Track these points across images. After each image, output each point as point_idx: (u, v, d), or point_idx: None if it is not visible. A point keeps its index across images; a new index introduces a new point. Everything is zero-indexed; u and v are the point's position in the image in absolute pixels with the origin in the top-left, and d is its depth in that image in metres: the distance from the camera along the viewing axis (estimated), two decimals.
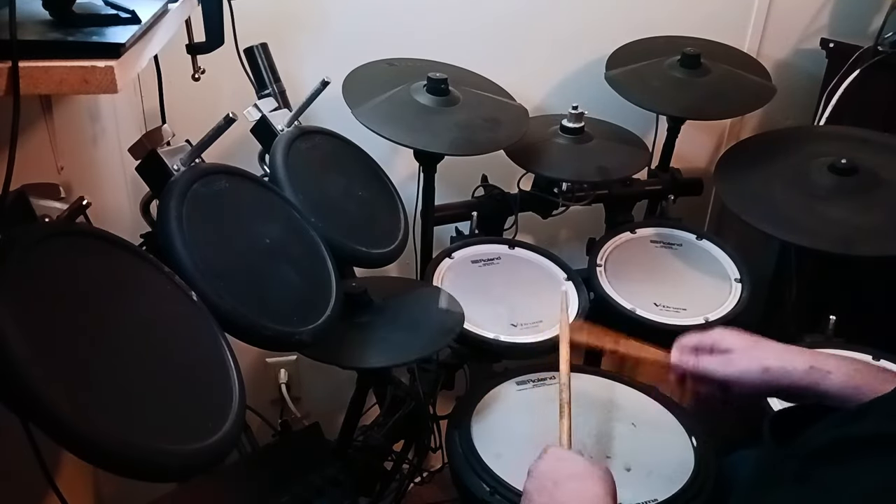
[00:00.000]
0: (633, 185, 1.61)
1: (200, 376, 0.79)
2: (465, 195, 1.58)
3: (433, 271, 1.37)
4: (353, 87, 1.35)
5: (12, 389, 0.59)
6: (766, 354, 0.89)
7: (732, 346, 0.92)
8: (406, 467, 1.32)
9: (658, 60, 1.53)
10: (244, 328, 0.87)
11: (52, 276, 0.70)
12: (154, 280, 0.82)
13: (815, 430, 0.66)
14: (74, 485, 1.15)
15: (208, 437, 0.72)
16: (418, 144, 1.28)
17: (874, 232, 1.24)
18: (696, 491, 1.01)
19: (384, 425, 1.23)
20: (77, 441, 0.61)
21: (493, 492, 1.00)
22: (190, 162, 0.95)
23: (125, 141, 1.15)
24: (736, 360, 0.90)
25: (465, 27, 1.58)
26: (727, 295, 1.37)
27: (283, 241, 1.02)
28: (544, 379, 1.22)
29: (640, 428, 1.13)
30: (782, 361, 0.87)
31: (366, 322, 1.11)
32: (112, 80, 0.70)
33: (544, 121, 1.51)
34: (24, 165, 0.72)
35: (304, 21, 1.51)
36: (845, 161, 1.30)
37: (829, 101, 1.57)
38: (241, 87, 1.35)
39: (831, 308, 1.31)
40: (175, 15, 0.95)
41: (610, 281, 1.39)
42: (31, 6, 0.77)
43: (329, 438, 1.17)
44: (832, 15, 1.72)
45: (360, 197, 1.28)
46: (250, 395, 0.83)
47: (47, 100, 1.01)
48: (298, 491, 1.01)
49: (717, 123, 1.82)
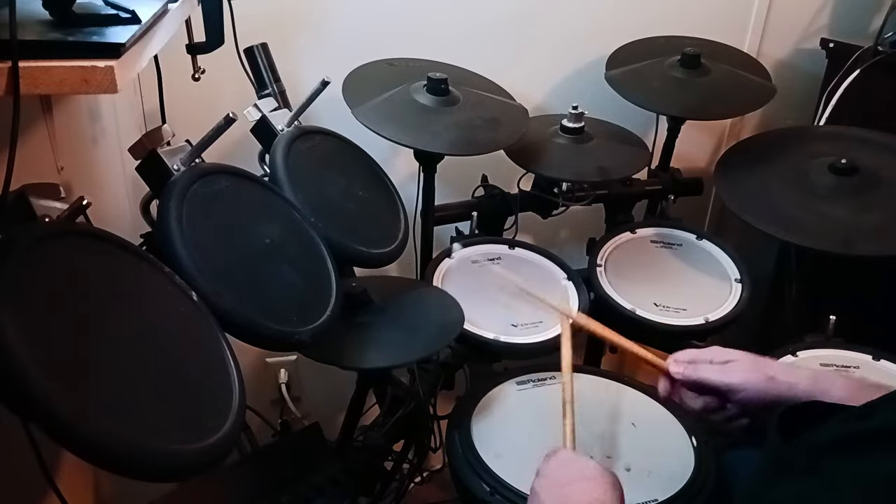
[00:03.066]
0: (633, 185, 1.61)
1: (200, 376, 0.79)
2: (465, 195, 1.58)
3: (433, 271, 1.37)
4: (353, 87, 1.35)
5: (12, 389, 0.59)
6: (771, 366, 0.89)
7: (733, 357, 0.91)
8: (406, 467, 1.32)
9: (658, 60, 1.53)
10: (244, 328, 0.87)
11: (52, 276, 0.70)
12: (154, 280, 0.82)
13: (825, 426, 0.65)
14: (74, 485, 1.15)
15: (208, 437, 0.72)
16: (418, 144, 1.28)
17: (874, 232, 1.24)
18: (696, 491, 1.01)
19: (384, 425, 1.23)
20: (77, 441, 0.61)
21: (493, 492, 1.00)
22: (190, 162, 0.95)
23: (125, 141, 1.15)
24: (737, 368, 0.90)
25: (465, 27, 1.58)
26: (727, 295, 1.37)
27: (283, 241, 1.02)
28: (544, 379, 1.22)
29: (640, 428, 1.13)
30: (787, 374, 0.87)
31: (366, 322, 1.11)
32: (112, 80, 0.70)
33: (544, 121, 1.51)
34: (24, 165, 0.72)
35: (304, 21, 1.51)
36: (845, 161, 1.30)
37: (829, 101, 1.56)
38: (241, 87, 1.35)
39: (831, 308, 1.31)
40: (175, 15, 0.95)
41: (610, 281, 1.39)
42: (31, 6, 0.77)
43: (329, 438, 1.17)
44: (832, 15, 1.72)
45: (360, 197, 1.28)
46: (250, 395, 0.83)
47: (47, 100, 1.01)
48: (298, 491, 1.01)
49: (717, 123, 1.82)
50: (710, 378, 0.91)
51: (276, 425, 1.57)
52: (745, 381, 0.88)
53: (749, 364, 0.90)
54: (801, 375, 0.87)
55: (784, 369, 0.89)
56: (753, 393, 0.88)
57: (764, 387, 0.87)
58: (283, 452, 1.09)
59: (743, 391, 0.88)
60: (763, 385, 0.87)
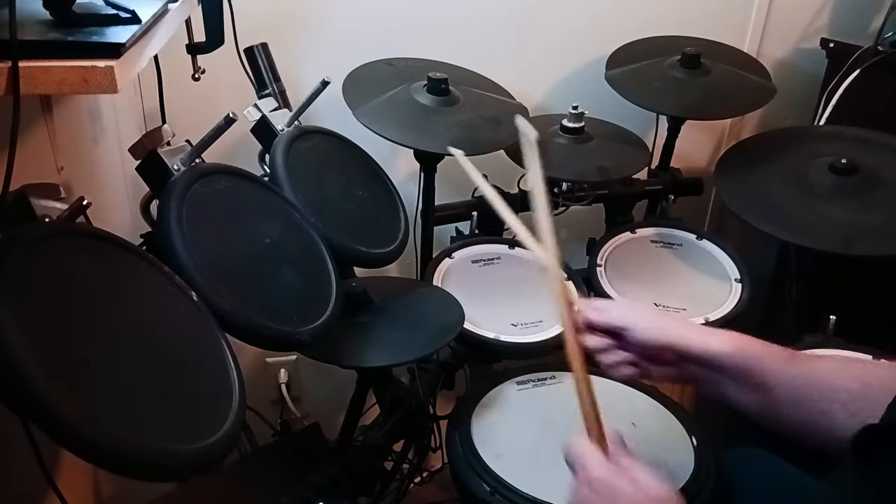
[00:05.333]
0: (633, 185, 1.61)
1: (200, 376, 0.79)
2: (465, 195, 1.58)
3: (433, 271, 1.37)
4: (353, 87, 1.35)
5: (12, 389, 0.59)
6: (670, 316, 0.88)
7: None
8: (406, 467, 1.32)
9: (658, 60, 1.53)
10: (244, 328, 0.87)
11: (52, 275, 0.70)
12: (154, 280, 0.82)
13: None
14: (74, 485, 1.15)
15: (208, 437, 0.72)
16: (419, 145, 1.28)
17: (874, 232, 1.24)
18: (696, 491, 1.01)
19: (384, 425, 1.23)
20: (77, 441, 0.61)
21: (493, 492, 1.00)
22: (190, 162, 0.95)
23: (125, 141, 1.16)
24: (633, 306, 0.90)
25: (465, 27, 1.58)
26: (727, 295, 1.37)
27: (283, 241, 1.02)
28: (544, 379, 1.22)
29: (640, 428, 1.13)
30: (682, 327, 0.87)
31: (366, 322, 1.11)
32: (112, 80, 0.70)
33: (544, 121, 1.51)
34: (24, 165, 0.72)
35: (305, 21, 1.51)
36: (845, 161, 1.30)
37: (829, 101, 1.56)
38: (241, 87, 1.35)
39: (831, 308, 1.31)
40: (175, 15, 0.95)
41: (610, 281, 1.39)
42: (31, 6, 0.77)
43: (329, 438, 1.17)
44: (832, 15, 1.72)
45: (360, 197, 1.28)
46: (250, 395, 0.83)
47: (47, 100, 1.01)
48: (298, 491, 1.01)
49: (717, 123, 1.82)
50: (610, 314, 0.89)
51: (276, 425, 1.57)
52: (640, 319, 0.87)
53: (648, 308, 0.89)
54: (688, 326, 0.87)
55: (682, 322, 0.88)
56: (646, 333, 0.86)
57: (658, 326, 0.86)
58: (283, 452, 1.10)
59: (635, 329, 0.87)
60: (657, 325, 0.87)
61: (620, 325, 0.88)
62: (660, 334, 0.86)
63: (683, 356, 0.85)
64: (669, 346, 0.86)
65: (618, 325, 0.88)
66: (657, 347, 0.87)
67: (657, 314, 0.89)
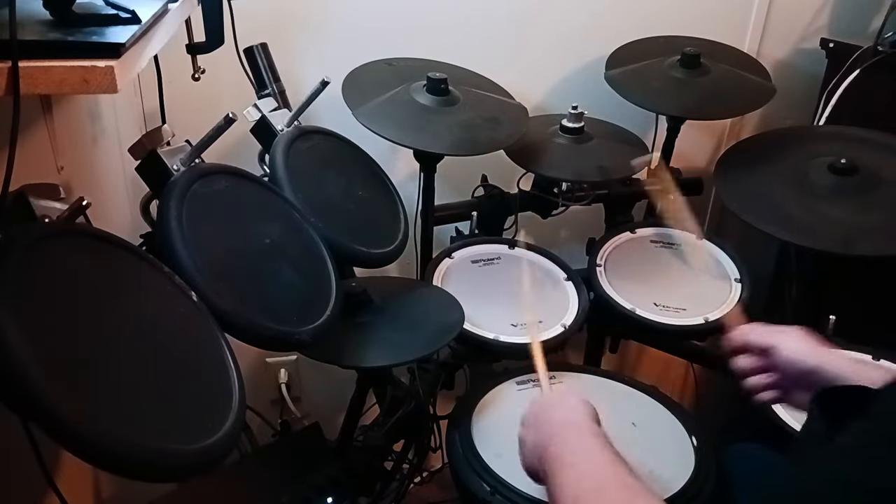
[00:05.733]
0: (633, 185, 1.61)
1: (200, 376, 0.79)
2: (465, 195, 1.58)
3: (433, 271, 1.37)
4: (353, 87, 1.35)
5: (12, 389, 0.59)
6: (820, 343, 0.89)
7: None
8: (406, 467, 1.32)
9: (658, 60, 1.53)
10: (244, 328, 0.87)
11: (52, 275, 0.70)
12: (154, 280, 0.82)
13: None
14: (74, 485, 1.15)
15: (208, 437, 0.72)
16: (418, 145, 1.28)
17: (874, 232, 1.24)
18: (696, 491, 1.01)
19: (384, 425, 1.23)
20: (77, 441, 0.61)
21: (493, 492, 1.00)
22: (190, 162, 0.95)
23: (125, 141, 1.16)
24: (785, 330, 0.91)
25: (465, 27, 1.58)
26: (727, 295, 1.36)
27: (283, 241, 1.02)
28: None
29: (640, 428, 1.13)
30: (832, 353, 0.87)
31: (366, 322, 1.11)
32: (112, 80, 0.70)
33: (544, 121, 1.51)
34: (24, 165, 0.72)
35: (304, 21, 1.51)
36: (845, 161, 1.30)
37: (829, 101, 1.56)
38: (241, 87, 1.35)
39: (831, 308, 1.31)
40: (175, 15, 0.95)
41: (610, 281, 1.39)
42: (31, 6, 0.77)
43: (329, 438, 1.17)
44: (832, 15, 1.72)
45: (360, 197, 1.28)
46: (250, 395, 0.83)
47: (47, 100, 1.01)
48: (298, 491, 1.01)
49: (717, 123, 1.82)
50: (760, 334, 0.92)
51: (276, 425, 1.57)
52: (789, 341, 0.89)
53: (798, 332, 0.91)
54: (842, 356, 0.87)
55: (835, 351, 0.89)
56: (795, 355, 0.88)
57: (807, 350, 0.88)
58: (283, 452, 1.10)
59: (786, 350, 0.88)
60: (805, 348, 0.88)
61: (768, 343, 0.89)
62: (807, 357, 0.87)
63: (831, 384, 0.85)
64: (817, 370, 0.86)
65: (765, 343, 0.89)
66: (802, 371, 0.87)
67: (810, 339, 0.90)
